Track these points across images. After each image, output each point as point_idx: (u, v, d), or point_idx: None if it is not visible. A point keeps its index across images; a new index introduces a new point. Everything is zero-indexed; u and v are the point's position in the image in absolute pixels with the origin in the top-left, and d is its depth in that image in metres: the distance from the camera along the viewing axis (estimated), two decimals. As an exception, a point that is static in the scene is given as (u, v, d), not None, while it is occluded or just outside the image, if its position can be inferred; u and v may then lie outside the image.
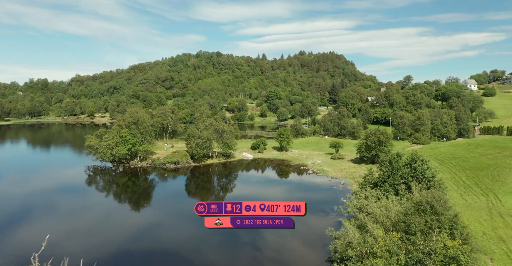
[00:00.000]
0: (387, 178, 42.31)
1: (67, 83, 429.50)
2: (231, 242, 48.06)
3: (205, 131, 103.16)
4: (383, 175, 43.02)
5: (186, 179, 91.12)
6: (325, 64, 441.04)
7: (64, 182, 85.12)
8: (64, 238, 48.55)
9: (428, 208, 29.60)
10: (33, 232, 51.18)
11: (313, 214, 58.36)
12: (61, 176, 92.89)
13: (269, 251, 44.41)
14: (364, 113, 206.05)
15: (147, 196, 75.09)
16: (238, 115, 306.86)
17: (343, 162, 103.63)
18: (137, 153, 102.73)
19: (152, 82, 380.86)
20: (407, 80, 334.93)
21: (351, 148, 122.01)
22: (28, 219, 56.90)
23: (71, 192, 75.68)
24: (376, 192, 40.62)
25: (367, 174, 47.80)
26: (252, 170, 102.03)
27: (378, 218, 33.89)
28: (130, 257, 43.29)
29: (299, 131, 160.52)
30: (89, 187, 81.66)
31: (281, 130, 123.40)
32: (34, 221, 56.15)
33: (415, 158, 41.17)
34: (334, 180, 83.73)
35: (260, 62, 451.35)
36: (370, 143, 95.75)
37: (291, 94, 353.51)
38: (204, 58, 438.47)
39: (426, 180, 39.64)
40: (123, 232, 52.66)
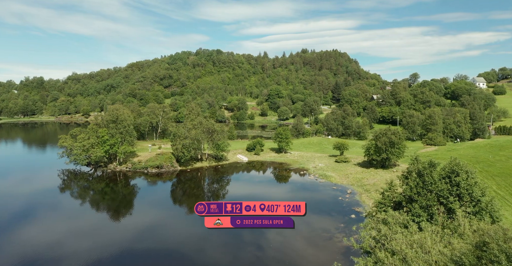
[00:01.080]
0: (416, 195, 30.59)
1: (63, 82, 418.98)
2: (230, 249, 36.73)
3: (192, 131, 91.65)
4: (410, 192, 31.29)
5: (167, 185, 79.51)
6: (328, 62, 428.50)
7: (30, 189, 73.50)
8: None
9: (503, 259, 17.88)
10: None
11: (314, 237, 46.71)
12: (30, 181, 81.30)
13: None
14: (369, 112, 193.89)
15: (118, 208, 63.67)
16: (238, 114, 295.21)
17: (349, 166, 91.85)
18: (116, 155, 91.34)
19: (150, 81, 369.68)
20: (414, 78, 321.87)
21: (358, 150, 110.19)
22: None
23: (32, 200, 64.25)
24: (401, 215, 28.88)
25: (386, 189, 36.01)
26: (244, 174, 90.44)
27: (411, 264, 22.16)
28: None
29: (300, 131, 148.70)
30: (59, 194, 70.05)
31: (279, 130, 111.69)
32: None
33: (456, 169, 29.46)
34: (339, 188, 71.93)
35: (262, 60, 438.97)
36: (380, 145, 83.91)
37: (293, 93, 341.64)
38: (204, 56, 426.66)
39: (473, 200, 28.06)
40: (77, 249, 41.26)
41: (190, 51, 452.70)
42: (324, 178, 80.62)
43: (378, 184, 72.46)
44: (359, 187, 71.65)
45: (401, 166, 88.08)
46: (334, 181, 77.74)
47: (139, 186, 77.69)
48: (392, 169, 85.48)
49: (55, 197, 67.45)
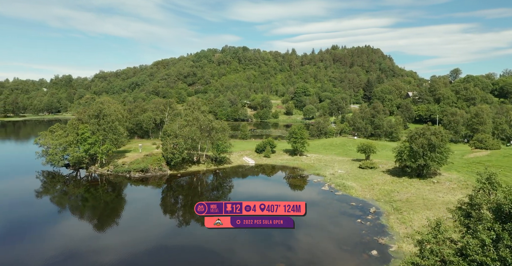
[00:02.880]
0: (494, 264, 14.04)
1: (90, 80, 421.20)
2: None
3: (185, 128, 77.15)
4: (482, 254, 14.62)
5: (146, 194, 64.74)
6: (360, 59, 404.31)
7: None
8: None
9: None
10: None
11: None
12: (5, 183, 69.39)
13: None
14: (404, 110, 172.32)
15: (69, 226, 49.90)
16: (261, 112, 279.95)
17: (376, 174, 73.88)
18: (105, 155, 78.15)
19: (174, 78, 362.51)
20: (455, 74, 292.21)
21: (388, 153, 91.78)
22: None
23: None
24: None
25: (428, 238, 18.93)
26: (243, 182, 74.51)
27: None
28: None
29: (322, 130, 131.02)
30: (27, 201, 57.49)
31: (294, 129, 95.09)
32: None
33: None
34: (360, 205, 54.62)
35: (289, 57, 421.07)
36: (416, 148, 65.52)
37: (321, 91, 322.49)
38: (230, 53, 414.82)
39: None
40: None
41: (216, 48, 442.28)
42: (342, 189, 63.38)
43: (412, 200, 54.61)
44: (387, 204, 54.03)
45: (443, 175, 69.19)
46: (355, 193, 60.36)
47: (110, 196, 63.68)
48: (431, 178, 66.84)
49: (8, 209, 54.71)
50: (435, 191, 59.17)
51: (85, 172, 77.25)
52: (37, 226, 46.36)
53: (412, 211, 49.43)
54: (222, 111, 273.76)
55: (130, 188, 68.26)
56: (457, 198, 54.87)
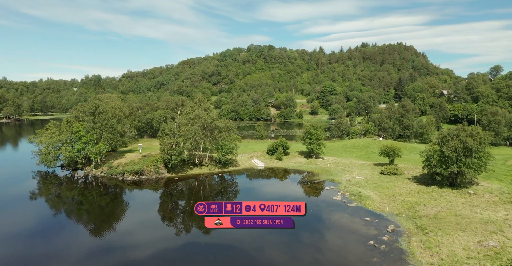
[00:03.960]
0: None
1: (118, 80, 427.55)
2: None
3: (185, 127, 70.10)
4: None
5: (129, 203, 57.87)
6: (391, 57, 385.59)
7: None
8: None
9: None
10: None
11: None
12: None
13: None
14: (437, 109, 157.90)
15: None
16: (285, 112, 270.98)
17: (399, 181, 63.63)
18: (99, 155, 72.54)
19: (199, 78, 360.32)
20: (495, 71, 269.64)
21: (416, 157, 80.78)
22: None
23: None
24: None
25: None
26: (246, 188, 66.16)
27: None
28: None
29: (344, 131, 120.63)
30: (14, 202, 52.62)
31: (309, 129, 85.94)
32: None
33: None
34: (376, 220, 45.09)
35: (316, 56, 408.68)
36: (448, 152, 54.93)
37: (349, 90, 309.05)
38: (255, 52, 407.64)
39: None
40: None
41: (241, 47, 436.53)
42: (357, 199, 53.91)
43: (442, 217, 44.52)
44: (409, 221, 44.23)
45: (482, 184, 58.00)
46: (371, 205, 50.75)
47: (95, 204, 57.30)
48: (467, 189, 55.97)
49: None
50: (471, 205, 48.60)
51: (77, 174, 71.82)
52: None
53: (441, 231, 39.57)
54: (244, 111, 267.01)
55: (120, 193, 61.97)
56: (499, 215, 44.20)
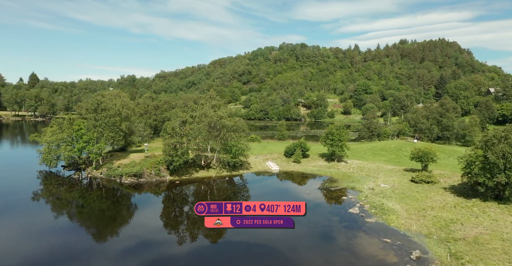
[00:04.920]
0: None
1: (152, 79, 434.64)
2: None
3: (187, 125, 63.90)
4: None
5: (117, 211, 52.11)
6: (432, 54, 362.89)
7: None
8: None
9: None
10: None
11: None
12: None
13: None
14: (483, 108, 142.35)
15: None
16: (315, 111, 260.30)
17: (433, 191, 53.63)
18: (99, 155, 68.21)
19: (229, 77, 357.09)
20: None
21: (456, 162, 69.62)
22: None
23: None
24: None
25: None
26: (250, 195, 58.42)
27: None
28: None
29: (373, 131, 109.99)
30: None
31: (331, 129, 77.06)
32: None
33: None
34: (398, 242, 36.18)
35: (351, 54, 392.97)
36: (494, 158, 44.65)
37: (385, 89, 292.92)
38: (287, 50, 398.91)
39: None
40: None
41: (273, 46, 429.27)
42: (378, 213, 44.99)
43: (484, 241, 34.83)
44: (441, 245, 34.96)
45: (537, 198, 47.03)
46: (395, 222, 41.69)
47: (84, 209, 52.51)
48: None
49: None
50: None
51: (75, 175, 67.54)
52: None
53: (482, 263, 30.24)
54: (273, 110, 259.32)
55: (111, 199, 56.58)
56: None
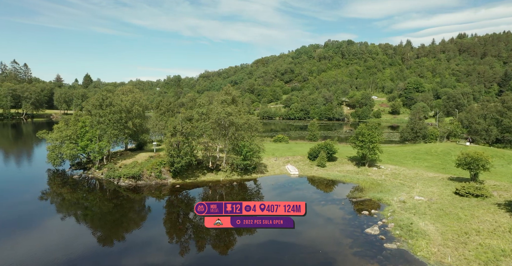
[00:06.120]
0: None
1: (196, 79, 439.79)
2: None
3: (195, 122, 57.16)
4: None
5: (93, 222, 46.80)
6: (496, 48, 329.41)
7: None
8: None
9: None
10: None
11: None
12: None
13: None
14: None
15: None
16: (360, 111, 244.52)
17: (483, 208, 41.90)
18: (100, 154, 63.80)
19: (271, 76, 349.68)
20: None
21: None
22: None
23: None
24: None
25: None
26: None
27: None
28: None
29: (418, 132, 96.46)
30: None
31: (361, 129, 66.47)
32: None
33: None
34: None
35: (402, 50, 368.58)
36: None
37: (440, 87, 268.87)
38: (332, 48, 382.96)
39: None
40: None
41: (317, 44, 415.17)
42: (403, 236, 34.77)
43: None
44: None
45: None
46: (422, 250, 31.37)
47: (77, 215, 47.48)
48: None
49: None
50: None
51: (78, 175, 63.58)
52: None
53: None
54: (314, 110, 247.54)
55: (106, 204, 51.30)
56: None
